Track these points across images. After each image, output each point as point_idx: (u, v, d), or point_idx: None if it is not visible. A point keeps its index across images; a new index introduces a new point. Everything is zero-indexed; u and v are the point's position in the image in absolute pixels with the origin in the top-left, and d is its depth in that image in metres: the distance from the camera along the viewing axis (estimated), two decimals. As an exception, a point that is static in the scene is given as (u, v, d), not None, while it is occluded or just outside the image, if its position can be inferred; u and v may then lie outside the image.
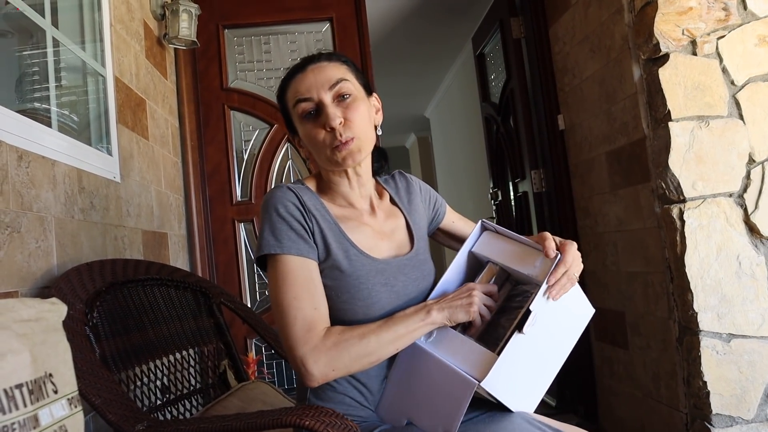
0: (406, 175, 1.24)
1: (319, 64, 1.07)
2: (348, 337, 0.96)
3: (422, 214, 1.21)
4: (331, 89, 1.04)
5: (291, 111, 1.08)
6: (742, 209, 1.79)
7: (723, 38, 1.84)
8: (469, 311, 0.99)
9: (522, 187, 3.05)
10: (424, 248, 1.15)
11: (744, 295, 1.77)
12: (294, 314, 0.96)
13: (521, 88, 2.91)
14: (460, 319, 1.00)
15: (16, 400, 0.67)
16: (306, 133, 1.06)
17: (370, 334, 0.96)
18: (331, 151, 1.03)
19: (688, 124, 1.82)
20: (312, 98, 1.04)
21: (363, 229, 1.09)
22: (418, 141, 7.90)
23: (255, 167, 2.70)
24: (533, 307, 0.95)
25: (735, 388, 1.74)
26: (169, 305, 1.55)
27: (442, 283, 1.09)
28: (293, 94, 1.06)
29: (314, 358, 0.93)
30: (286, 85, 1.09)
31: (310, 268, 1.01)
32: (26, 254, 1.22)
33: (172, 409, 1.41)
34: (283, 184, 1.06)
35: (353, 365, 0.96)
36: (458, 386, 0.94)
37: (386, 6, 3.73)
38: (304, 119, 1.05)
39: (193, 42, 2.41)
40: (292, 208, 1.02)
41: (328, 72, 1.05)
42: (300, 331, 0.95)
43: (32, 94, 1.55)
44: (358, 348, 0.95)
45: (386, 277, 1.05)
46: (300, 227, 1.01)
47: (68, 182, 1.45)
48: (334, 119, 1.01)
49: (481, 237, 1.12)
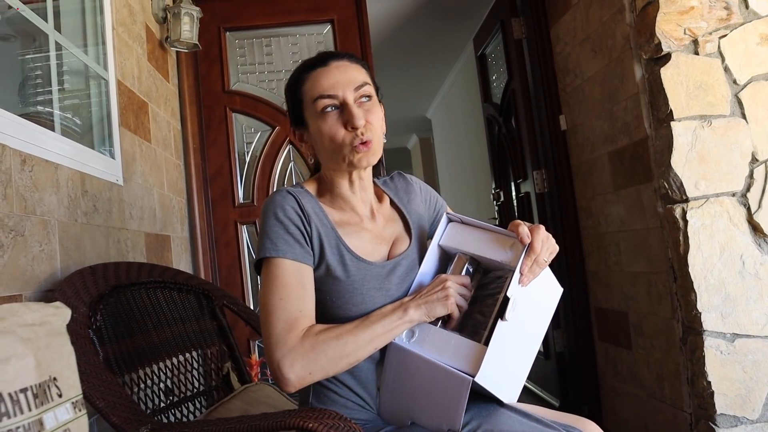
0: (406, 176, 1.23)
1: (342, 62, 1.06)
2: (325, 338, 0.93)
3: (422, 215, 1.20)
4: (356, 90, 1.03)
5: (305, 103, 1.06)
6: (745, 208, 1.79)
7: (725, 37, 1.83)
8: (446, 304, 0.98)
9: (524, 187, 3.05)
10: (417, 250, 1.15)
11: (748, 294, 1.76)
12: (278, 315, 0.95)
13: (523, 88, 2.91)
14: (438, 314, 0.98)
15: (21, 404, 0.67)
16: (323, 129, 1.03)
17: (347, 334, 0.95)
18: (350, 150, 1.01)
19: (690, 123, 1.82)
20: (337, 96, 1.02)
21: (362, 234, 1.08)
22: (419, 142, 7.90)
23: (257, 169, 2.70)
24: (510, 293, 0.95)
25: (739, 388, 1.74)
26: (172, 308, 1.55)
27: (417, 278, 1.08)
28: (315, 88, 1.04)
29: (290, 361, 0.91)
30: (303, 77, 1.06)
31: (302, 272, 0.99)
32: (30, 258, 1.22)
33: (176, 412, 1.41)
34: (283, 188, 1.05)
35: (331, 368, 0.94)
36: (453, 385, 0.94)
37: (387, 7, 3.73)
38: (323, 114, 1.03)
39: (195, 45, 2.42)
40: (291, 212, 1.01)
41: (353, 73, 1.05)
42: (281, 332, 0.93)
43: (35, 98, 1.56)
44: (335, 350, 0.93)
45: (381, 281, 1.04)
46: (297, 231, 1.00)
47: (71, 186, 1.46)
48: (360, 119, 1.00)
49: (447, 229, 1.11)
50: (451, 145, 5.96)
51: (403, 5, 3.73)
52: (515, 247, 1.00)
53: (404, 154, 8.95)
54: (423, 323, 1.01)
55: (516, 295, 0.96)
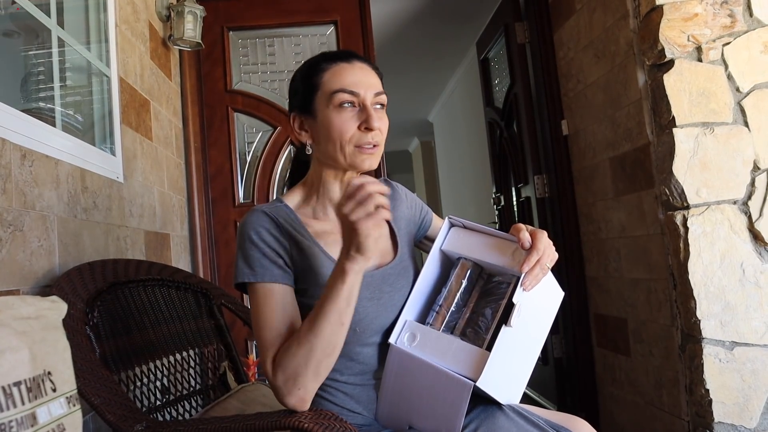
0: (392, 183, 1.23)
1: (365, 65, 1.07)
2: (291, 355, 0.91)
3: (408, 221, 1.20)
4: (376, 96, 1.04)
5: (320, 92, 1.04)
6: (746, 216, 1.78)
7: (728, 45, 1.83)
8: (375, 219, 0.86)
9: (525, 192, 3.05)
10: (407, 254, 1.14)
11: (747, 302, 1.76)
12: (265, 345, 0.95)
13: (525, 93, 2.90)
14: (372, 244, 0.87)
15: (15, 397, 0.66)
16: (335, 121, 1.01)
17: (308, 335, 0.91)
18: (357, 149, 1.01)
19: (692, 130, 1.82)
20: (359, 94, 1.02)
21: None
22: (421, 145, 7.90)
23: (258, 169, 2.70)
24: (516, 299, 0.95)
25: (737, 397, 1.73)
26: (170, 306, 1.55)
27: (418, 284, 1.07)
28: (337, 80, 1.03)
29: (285, 391, 0.92)
30: (324, 66, 1.05)
31: (283, 293, 0.99)
32: (28, 253, 1.22)
33: (172, 410, 1.40)
34: (258, 208, 1.03)
35: (318, 371, 0.92)
36: (454, 389, 0.94)
37: (391, 10, 3.73)
38: (340, 107, 1.02)
39: (198, 44, 2.42)
40: (265, 234, 1.00)
41: (373, 78, 1.06)
42: (270, 364, 0.94)
43: (37, 94, 1.56)
44: (308, 356, 0.90)
45: (371, 291, 1.03)
46: (272, 253, 0.99)
47: (71, 182, 1.45)
48: (377, 121, 1.01)
49: (449, 234, 1.11)
50: (453, 149, 5.96)
51: (407, 8, 3.74)
52: (518, 252, 0.99)
53: (405, 157, 8.95)
54: (422, 326, 1.01)
55: (520, 301, 0.95)
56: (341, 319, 0.91)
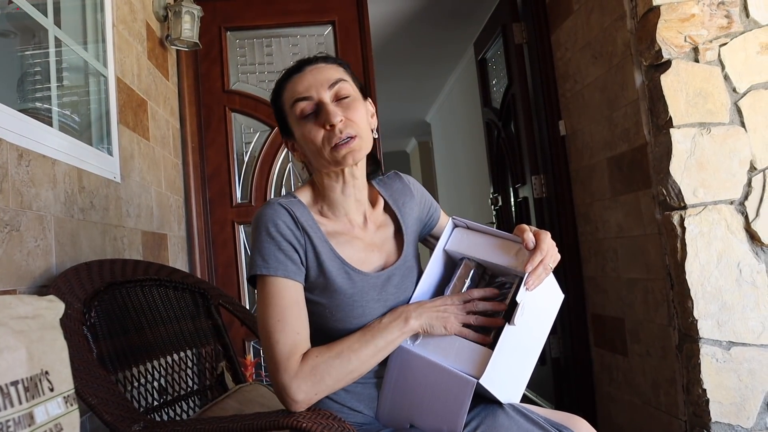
0: (403, 176, 1.21)
1: (317, 65, 1.06)
2: (326, 359, 0.94)
3: (415, 217, 1.19)
4: (330, 89, 1.03)
5: (288, 112, 1.06)
6: (743, 216, 1.79)
7: (725, 45, 1.84)
8: (445, 326, 0.99)
9: (522, 192, 3.05)
10: (411, 254, 1.13)
11: (744, 302, 1.76)
12: (276, 338, 0.94)
13: (523, 93, 2.91)
14: (436, 333, 1.00)
15: (12, 397, 0.66)
16: (304, 133, 1.03)
17: (349, 352, 0.95)
18: (332, 149, 1.00)
19: (689, 130, 1.82)
20: (311, 97, 1.02)
21: (354, 243, 1.07)
22: (418, 146, 7.91)
23: (255, 170, 2.70)
24: (519, 298, 0.95)
25: (734, 396, 1.73)
26: (167, 306, 1.54)
27: (421, 284, 1.08)
28: (290, 95, 1.05)
29: (296, 385, 0.92)
30: (281, 87, 1.08)
31: (295, 290, 0.99)
32: (25, 253, 1.21)
33: (169, 410, 1.40)
34: (275, 200, 1.03)
35: (337, 385, 0.95)
36: (457, 386, 0.94)
37: (388, 10, 3.73)
38: (302, 120, 1.03)
39: (195, 44, 2.42)
40: (283, 228, 0.99)
41: (326, 72, 1.05)
42: (281, 357, 0.93)
43: (34, 94, 1.55)
44: (339, 369, 0.94)
45: (378, 292, 1.03)
46: (289, 247, 0.99)
47: (68, 182, 1.45)
48: (335, 116, 1.00)
49: (453, 234, 1.11)
50: (450, 149, 5.97)
51: (405, 8, 3.74)
52: (521, 253, 1.00)
53: (403, 157, 8.95)
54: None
55: (524, 300, 0.96)
56: (381, 352, 0.98)
